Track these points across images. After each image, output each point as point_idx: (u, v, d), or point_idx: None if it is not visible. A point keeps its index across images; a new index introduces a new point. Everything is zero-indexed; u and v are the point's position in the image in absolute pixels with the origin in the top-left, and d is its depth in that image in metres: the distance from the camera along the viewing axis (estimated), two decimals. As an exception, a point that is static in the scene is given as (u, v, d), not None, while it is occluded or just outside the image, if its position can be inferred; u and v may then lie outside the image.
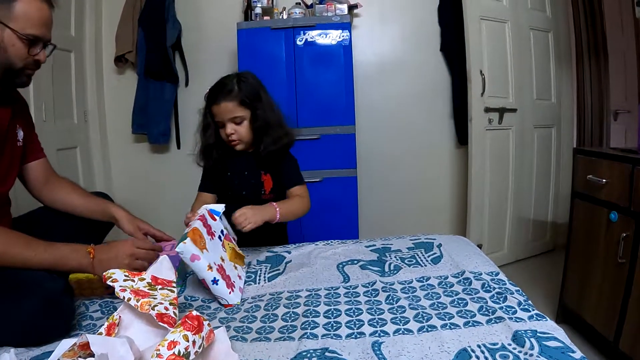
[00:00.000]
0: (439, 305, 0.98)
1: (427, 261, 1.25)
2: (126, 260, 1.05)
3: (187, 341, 0.68)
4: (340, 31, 2.34)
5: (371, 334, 0.87)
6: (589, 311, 1.66)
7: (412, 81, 2.80)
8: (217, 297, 1.08)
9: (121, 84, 2.86)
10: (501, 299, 0.97)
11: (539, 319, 0.87)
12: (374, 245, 1.41)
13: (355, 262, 1.27)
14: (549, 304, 2.01)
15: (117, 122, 2.88)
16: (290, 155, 1.50)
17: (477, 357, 0.76)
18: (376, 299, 1.03)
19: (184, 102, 2.82)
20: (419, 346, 0.81)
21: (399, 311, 0.96)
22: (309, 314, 0.97)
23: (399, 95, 2.81)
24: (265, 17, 2.46)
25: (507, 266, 2.53)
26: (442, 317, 0.92)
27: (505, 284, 1.05)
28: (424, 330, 0.87)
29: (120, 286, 0.79)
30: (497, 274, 1.11)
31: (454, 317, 0.92)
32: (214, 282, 1.06)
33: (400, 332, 0.87)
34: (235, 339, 0.88)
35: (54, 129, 2.32)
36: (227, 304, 1.07)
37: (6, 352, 0.79)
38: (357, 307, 0.99)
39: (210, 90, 1.40)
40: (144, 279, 0.86)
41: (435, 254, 1.30)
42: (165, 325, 0.73)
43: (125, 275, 0.84)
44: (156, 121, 2.71)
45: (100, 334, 0.76)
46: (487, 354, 0.77)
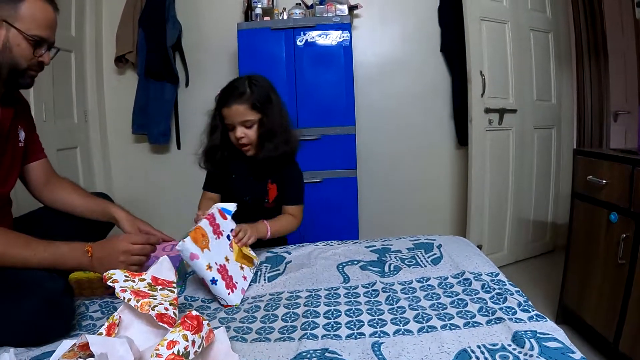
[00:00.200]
0: (439, 305, 0.98)
1: (427, 262, 1.25)
2: (122, 257, 1.05)
3: (187, 341, 0.68)
4: (340, 32, 2.35)
5: (371, 335, 0.87)
6: (589, 312, 1.66)
7: (412, 82, 2.80)
8: (217, 297, 1.08)
9: (121, 84, 2.86)
10: (501, 300, 0.97)
11: (539, 319, 0.87)
12: (374, 245, 1.41)
13: (355, 263, 1.27)
14: (549, 305, 2.01)
15: (117, 122, 2.89)
16: (297, 167, 1.49)
17: (477, 357, 0.76)
18: (376, 299, 1.03)
19: (184, 103, 2.82)
20: (419, 347, 0.81)
21: (399, 312, 0.96)
22: (309, 315, 0.97)
23: (399, 95, 2.81)
24: (265, 18, 2.46)
25: (507, 267, 2.53)
26: (442, 318, 0.92)
27: (505, 285, 1.05)
28: (424, 330, 0.87)
29: (120, 287, 0.80)
30: (497, 275, 1.11)
31: (454, 317, 0.92)
32: (212, 282, 1.06)
33: (400, 332, 0.87)
34: (235, 339, 0.88)
35: (54, 129, 2.32)
36: (227, 304, 1.07)
37: (6, 352, 0.79)
38: (357, 307, 0.99)
39: (221, 92, 1.39)
40: (144, 280, 0.86)
41: (435, 254, 1.30)
42: (165, 325, 0.73)
43: (125, 275, 0.84)
44: (156, 121, 2.72)
45: (100, 334, 0.76)
46: (487, 354, 0.77)
